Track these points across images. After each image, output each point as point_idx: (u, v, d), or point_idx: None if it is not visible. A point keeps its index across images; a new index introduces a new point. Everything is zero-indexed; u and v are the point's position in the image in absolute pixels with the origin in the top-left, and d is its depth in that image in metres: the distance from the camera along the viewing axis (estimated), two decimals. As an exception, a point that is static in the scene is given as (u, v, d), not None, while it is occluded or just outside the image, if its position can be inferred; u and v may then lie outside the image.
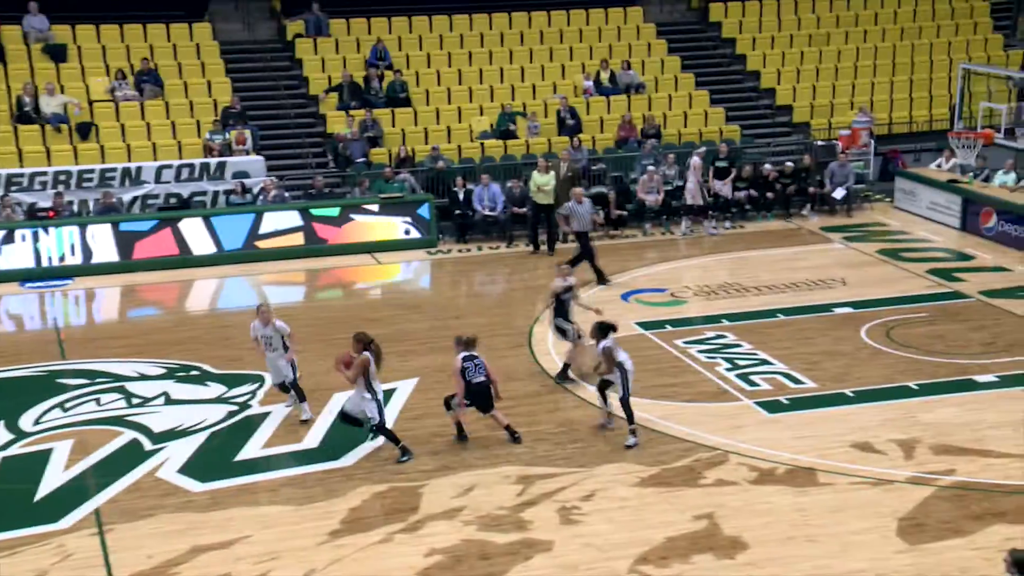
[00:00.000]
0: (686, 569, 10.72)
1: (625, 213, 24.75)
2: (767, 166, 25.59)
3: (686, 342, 17.14)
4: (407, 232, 24.17)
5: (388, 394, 15.09)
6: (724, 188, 24.77)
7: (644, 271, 21.52)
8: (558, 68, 29.29)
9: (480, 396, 13.54)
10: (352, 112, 26.93)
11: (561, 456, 13.29)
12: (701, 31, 31.95)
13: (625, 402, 13.50)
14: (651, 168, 25.31)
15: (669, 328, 17.89)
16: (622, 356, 13.58)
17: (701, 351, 16.77)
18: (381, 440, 13.51)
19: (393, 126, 27.11)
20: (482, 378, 13.51)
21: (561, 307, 15.98)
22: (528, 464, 13.06)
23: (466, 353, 13.56)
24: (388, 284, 22.85)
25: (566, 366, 15.83)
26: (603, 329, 13.74)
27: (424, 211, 24.23)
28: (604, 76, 29.00)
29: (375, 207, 24.12)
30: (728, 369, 16.00)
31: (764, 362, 16.24)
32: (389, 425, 13.66)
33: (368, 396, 13.15)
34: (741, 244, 23.39)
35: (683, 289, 20.18)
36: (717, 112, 28.49)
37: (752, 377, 15.67)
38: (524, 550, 11.07)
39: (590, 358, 14.61)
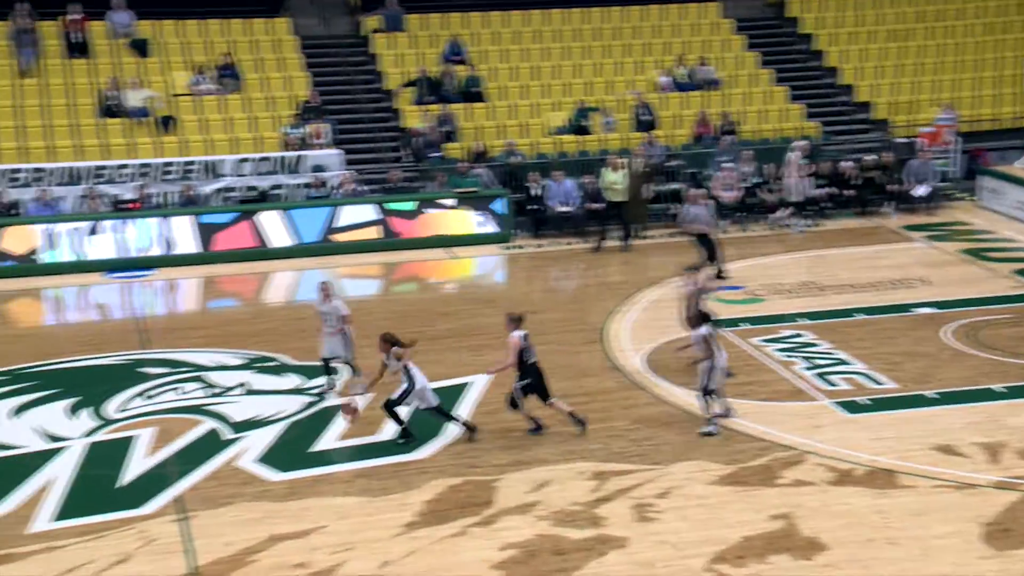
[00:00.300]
0: (763, 569, 10.60)
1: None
2: (846, 163, 25.22)
3: (763, 340, 16.96)
4: (482, 227, 24.22)
5: (460, 389, 15.15)
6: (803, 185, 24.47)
7: (710, 270, 21.30)
8: (634, 64, 29.15)
9: (536, 377, 13.50)
10: (427, 107, 27.05)
11: (636, 453, 13.22)
12: (778, 26, 31.59)
13: (705, 391, 13.49)
14: (728, 165, 25.08)
15: (746, 326, 17.71)
16: (718, 348, 13.64)
17: (778, 349, 16.58)
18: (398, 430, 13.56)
19: (468, 121, 27.18)
20: (536, 359, 13.47)
21: (703, 313, 15.13)
22: (603, 460, 13.01)
23: (523, 332, 13.52)
24: (462, 278, 22.93)
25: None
26: (703, 317, 13.93)
27: (499, 206, 24.27)
28: (680, 72, 28.79)
29: (450, 201, 24.21)
30: (806, 368, 15.80)
31: (843, 362, 16.00)
32: (461, 416, 13.71)
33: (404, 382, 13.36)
34: (820, 242, 23.08)
35: (761, 287, 19.96)
36: (795, 108, 28.14)
37: (831, 377, 15.45)
38: (598, 546, 11.02)
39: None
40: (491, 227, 24.24)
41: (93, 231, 22.70)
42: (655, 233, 23.96)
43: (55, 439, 13.88)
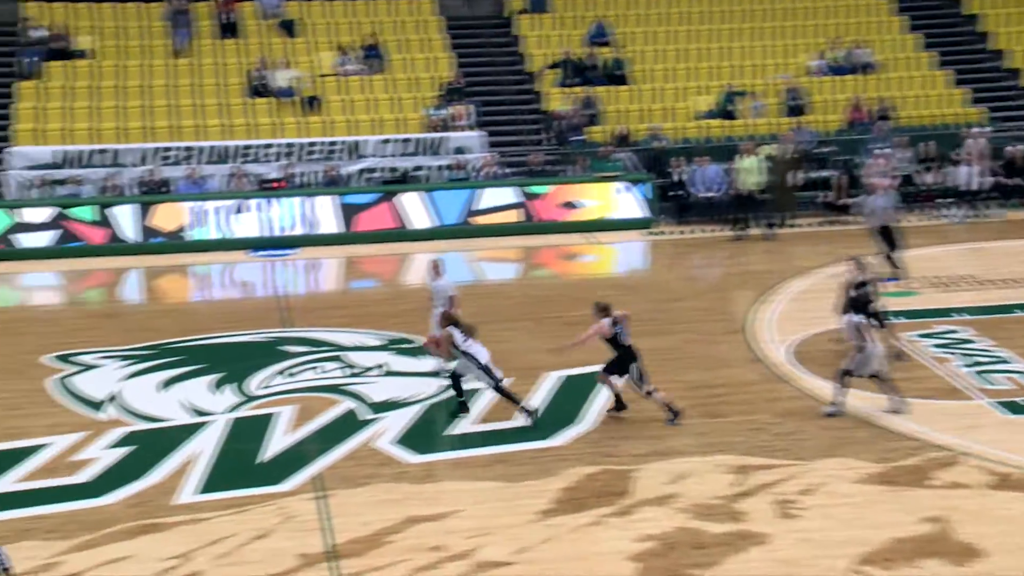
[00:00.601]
0: (912, 573, 10.28)
1: (852, 200, 23.93)
2: (1014, 149, 24.24)
3: (917, 335, 16.45)
4: (623, 212, 24.09)
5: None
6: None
7: (873, 260, 20.74)
8: (785, 46, 28.59)
9: (627, 358, 13.53)
10: (571, 89, 27.01)
11: (779, 447, 12.97)
12: (941, 7, 30.54)
13: (846, 373, 13.35)
14: (882, 152, 24.40)
15: (900, 320, 17.20)
16: (871, 338, 13.39)
17: (932, 345, 16.06)
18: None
19: (612, 104, 27.05)
20: (631, 342, 13.53)
21: (856, 303, 14.59)
22: (744, 454, 12.79)
23: (612, 318, 13.54)
24: (603, 264, 22.84)
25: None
26: (855, 304, 13.77)
27: (642, 191, 24.10)
28: (834, 54, 28.10)
29: (592, 186, 24.14)
30: (963, 366, 15.27)
31: (1003, 360, 15.41)
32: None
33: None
34: (981, 234, 22.27)
35: (916, 280, 19.36)
36: (957, 93, 27.19)
37: (990, 375, 14.90)
38: (738, 541, 10.85)
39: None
40: (633, 212, 24.09)
41: (239, 209, 23.36)
42: (803, 222, 23.47)
43: (200, 413, 14.33)
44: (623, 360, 13.68)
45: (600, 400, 14.28)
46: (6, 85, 26.31)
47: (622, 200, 24.09)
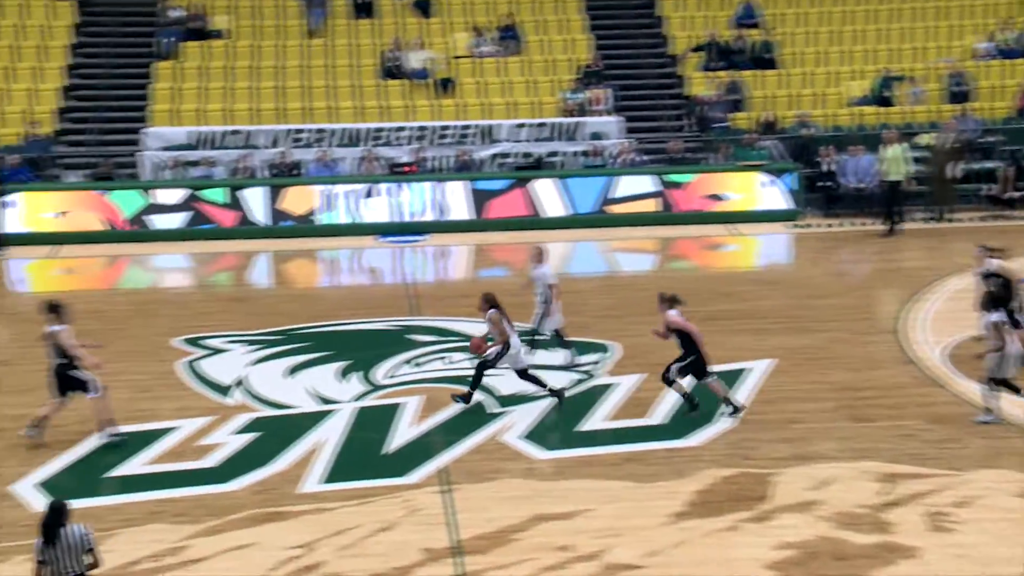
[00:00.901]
0: (1077, 597, 9.92)
1: (1019, 193, 23.16)
2: None
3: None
4: (768, 203, 23.74)
5: (736, 374, 14.89)
6: None
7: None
8: (949, 28, 27.75)
9: (698, 354, 13.47)
10: (715, 73, 26.71)
11: (931, 456, 12.63)
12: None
13: (991, 381, 13.05)
14: (1054, 141, 23.56)
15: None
16: (1010, 336, 12.95)
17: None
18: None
19: (758, 89, 26.66)
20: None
21: (995, 299, 13.82)
22: (892, 461, 12.49)
23: (678, 310, 13.53)
24: (743, 257, 22.55)
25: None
26: (993, 301, 13.34)
27: (788, 181, 23.71)
28: (1005, 36, 27.15)
29: (735, 175, 23.85)
30: None
31: None
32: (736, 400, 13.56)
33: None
34: None
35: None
36: None
37: None
38: (885, 554, 10.60)
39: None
40: (778, 203, 23.72)
41: (369, 194, 23.73)
42: (964, 216, 22.79)
43: (326, 401, 14.62)
44: (695, 355, 13.58)
45: (740, 398, 14.10)
46: (144, 65, 27.21)
47: (766, 190, 23.74)
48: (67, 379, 12.93)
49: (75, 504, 9.12)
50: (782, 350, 15.87)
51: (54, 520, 8.65)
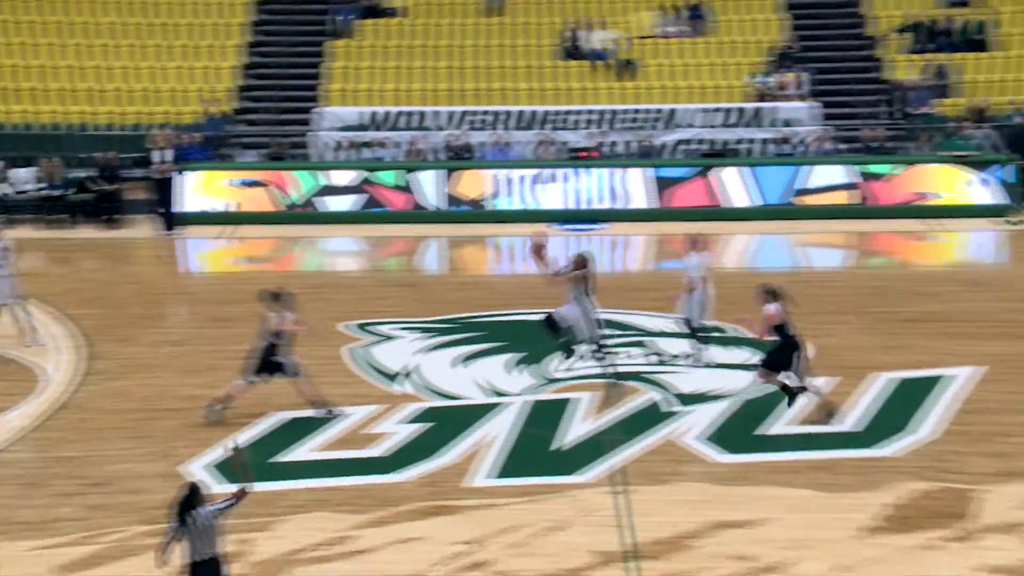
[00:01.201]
0: None
1: None
2: None
3: None
4: (976, 197, 22.91)
5: (933, 381, 14.37)
6: None
7: None
8: None
9: (790, 349, 13.18)
10: (920, 56, 25.90)
11: None
12: None
13: None
14: None
15: None
16: None
17: None
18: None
19: (969, 73, 25.72)
20: (796, 332, 13.26)
21: None
22: (1116, 483, 11.89)
23: (780, 304, 13.22)
24: (947, 254, 21.82)
25: None
26: None
27: (999, 173, 22.83)
28: None
29: (940, 166, 23.09)
30: None
31: None
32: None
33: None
34: None
35: None
36: None
37: None
38: (1104, 586, 10.10)
39: None
40: (987, 198, 22.87)
41: (544, 179, 23.78)
42: None
43: (497, 393, 14.71)
44: (786, 351, 13.31)
45: (940, 407, 13.63)
46: (317, 44, 27.87)
47: (973, 183, 22.90)
48: (269, 363, 13.53)
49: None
50: (990, 357, 15.27)
51: (188, 500, 8.87)
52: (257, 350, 13.63)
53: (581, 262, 14.71)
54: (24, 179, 24.22)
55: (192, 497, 8.88)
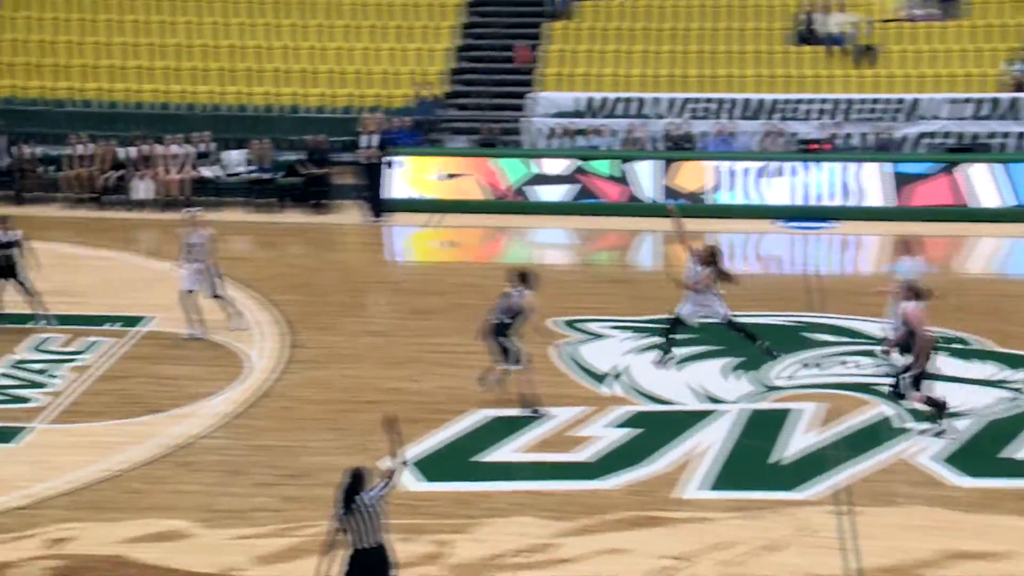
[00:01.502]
0: None
1: None
2: None
3: None
4: None
5: None
6: None
7: None
8: None
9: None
10: None
11: None
12: None
13: None
14: None
15: None
16: None
17: None
18: None
19: None
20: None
21: None
22: None
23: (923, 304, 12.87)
24: None
25: None
26: None
27: None
28: None
29: None
30: None
31: None
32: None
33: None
34: None
35: None
36: None
37: None
38: None
39: None
40: None
41: (770, 172, 23.36)
42: None
43: (712, 400, 14.53)
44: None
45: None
46: (535, 25, 28.03)
47: None
48: (498, 342, 13.92)
49: (442, 487, 9.49)
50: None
51: (353, 487, 9.00)
52: (488, 324, 13.91)
53: (710, 257, 14.63)
54: (236, 161, 25.12)
55: (356, 483, 9.05)
